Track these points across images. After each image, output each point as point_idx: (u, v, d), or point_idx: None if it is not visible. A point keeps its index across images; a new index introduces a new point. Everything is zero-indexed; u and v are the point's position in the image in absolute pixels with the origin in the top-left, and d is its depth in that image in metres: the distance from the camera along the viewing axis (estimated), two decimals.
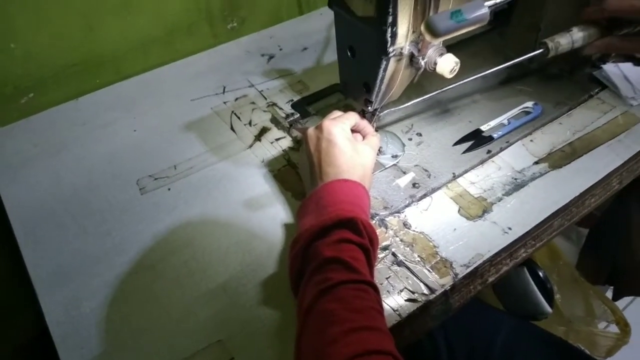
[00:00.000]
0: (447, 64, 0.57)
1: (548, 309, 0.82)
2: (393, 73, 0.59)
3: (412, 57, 0.58)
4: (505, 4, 0.55)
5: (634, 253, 0.95)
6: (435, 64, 0.57)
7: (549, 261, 0.99)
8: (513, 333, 0.78)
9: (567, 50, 0.68)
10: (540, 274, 0.84)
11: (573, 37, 0.67)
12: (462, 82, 0.68)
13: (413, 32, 0.54)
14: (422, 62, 0.57)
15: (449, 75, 0.58)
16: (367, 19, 0.54)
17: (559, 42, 0.67)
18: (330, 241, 0.50)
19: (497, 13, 0.89)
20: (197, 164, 0.69)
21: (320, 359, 0.41)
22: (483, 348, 0.76)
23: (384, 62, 0.56)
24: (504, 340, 0.76)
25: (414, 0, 0.51)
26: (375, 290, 0.48)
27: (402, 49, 0.55)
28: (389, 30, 0.52)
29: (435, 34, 0.47)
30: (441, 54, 0.58)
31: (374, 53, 0.56)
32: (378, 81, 0.58)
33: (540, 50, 0.68)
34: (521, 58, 0.68)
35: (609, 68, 0.81)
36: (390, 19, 0.51)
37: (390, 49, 0.54)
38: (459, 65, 0.58)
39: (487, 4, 0.48)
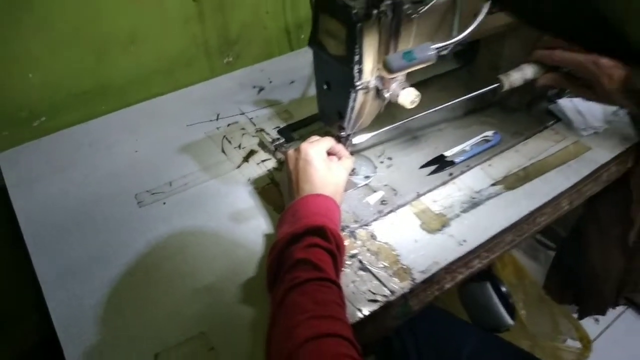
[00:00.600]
0: (408, 97, 0.66)
1: (510, 321, 0.88)
2: (362, 104, 0.67)
3: (378, 90, 0.67)
4: (458, 45, 0.64)
5: (594, 274, 1.02)
6: (398, 96, 0.66)
7: (516, 279, 1.06)
8: (480, 344, 0.85)
9: (520, 83, 0.78)
10: (503, 289, 0.91)
11: (524, 72, 0.77)
12: (427, 112, 0.77)
13: (378, 69, 0.64)
14: (387, 95, 0.66)
15: (409, 106, 0.67)
16: (339, 57, 0.63)
17: (511, 76, 0.77)
18: (302, 246, 0.58)
19: (464, 53, 0.99)
20: (190, 181, 0.78)
21: (285, 341, 0.48)
22: (451, 357, 0.83)
23: (353, 94, 0.65)
24: (471, 351, 0.83)
25: (377, 42, 0.61)
26: (338, 287, 0.56)
27: (368, 83, 0.64)
28: (356, 67, 0.61)
29: (390, 70, 0.56)
30: (404, 88, 0.67)
31: (345, 86, 0.65)
32: (349, 110, 0.67)
33: (496, 85, 0.78)
34: (479, 92, 0.78)
35: (564, 102, 0.90)
36: (357, 58, 0.60)
37: (358, 83, 0.63)
38: (419, 97, 0.67)
39: (433, 46, 0.57)
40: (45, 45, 0.85)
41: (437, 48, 0.57)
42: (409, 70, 0.58)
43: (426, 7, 0.60)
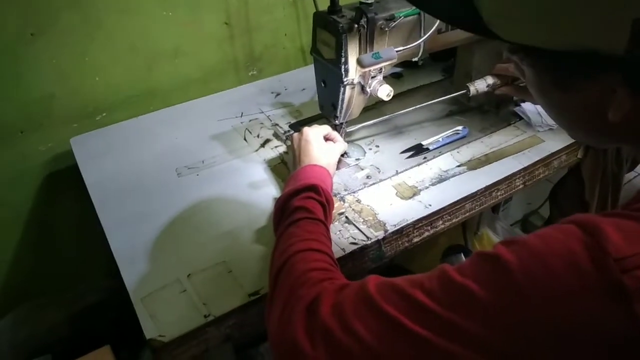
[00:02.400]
0: (384, 91, 0.86)
1: None
2: (350, 97, 0.88)
3: (362, 86, 0.87)
4: (426, 53, 0.84)
5: None
6: (377, 90, 0.87)
7: None
8: None
9: (484, 90, 0.97)
10: None
11: (487, 82, 0.97)
12: (407, 110, 0.97)
13: (358, 68, 0.84)
14: (368, 90, 0.87)
15: (385, 99, 0.87)
16: (331, 60, 0.84)
17: (476, 84, 0.96)
18: (300, 198, 0.77)
19: (449, 67, 1.20)
20: (218, 160, 0.99)
21: (281, 255, 0.67)
22: None
23: (342, 89, 0.85)
24: None
25: (358, 48, 0.82)
26: (325, 226, 0.74)
27: (353, 80, 0.85)
28: (343, 67, 0.82)
29: (362, 66, 0.77)
30: (381, 85, 0.87)
31: (336, 83, 0.86)
32: (340, 102, 0.88)
33: (464, 91, 0.98)
34: (448, 96, 0.98)
35: (526, 105, 1.08)
36: (343, 60, 0.81)
37: (345, 80, 0.84)
38: (392, 92, 0.87)
39: (396, 49, 0.77)
40: (109, 55, 1.09)
41: (398, 50, 0.77)
42: (377, 66, 0.78)
43: (395, 23, 0.80)
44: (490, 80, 0.97)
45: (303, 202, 0.76)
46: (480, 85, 0.98)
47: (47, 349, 1.24)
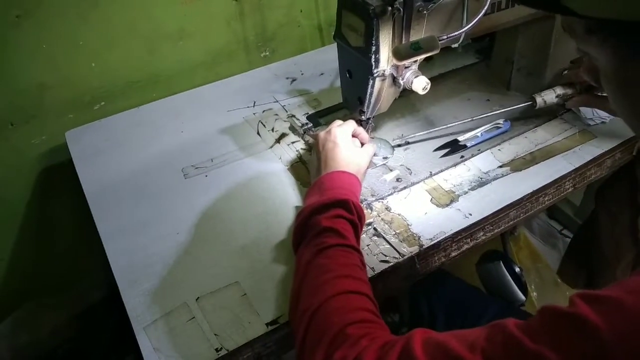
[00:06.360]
0: (420, 84, 0.74)
1: (522, 297, 0.95)
2: (379, 90, 0.76)
3: (393, 78, 0.75)
4: (469, 39, 0.72)
5: (605, 260, 1.07)
6: (412, 83, 0.75)
7: (531, 263, 1.12)
8: (499, 311, 0.90)
9: (554, 102, 0.87)
10: (516, 269, 0.98)
11: (556, 92, 0.86)
12: (462, 121, 0.85)
13: (391, 58, 0.72)
14: (401, 82, 0.75)
15: (421, 92, 0.75)
16: (359, 48, 0.72)
17: (544, 95, 0.86)
18: (328, 216, 0.66)
19: (483, 49, 1.07)
20: (229, 158, 0.88)
21: (312, 296, 0.56)
22: (475, 317, 0.89)
23: (371, 81, 0.74)
24: (492, 316, 0.89)
25: (391, 35, 0.70)
26: (359, 253, 0.64)
27: (384, 71, 0.73)
28: (373, 57, 0.70)
29: (398, 58, 0.65)
30: (416, 76, 0.75)
31: (364, 74, 0.74)
32: (367, 96, 0.76)
33: (529, 103, 0.86)
34: (510, 108, 0.87)
35: None
36: (373, 48, 0.69)
37: (375, 71, 0.72)
38: (429, 84, 0.75)
39: (437, 38, 0.65)
40: (106, 38, 0.98)
41: (441, 39, 0.65)
42: (416, 58, 0.66)
43: (435, 5, 0.68)
44: (559, 90, 0.86)
45: (333, 222, 0.65)
46: (548, 97, 0.86)
47: (50, 353, 1.17)
